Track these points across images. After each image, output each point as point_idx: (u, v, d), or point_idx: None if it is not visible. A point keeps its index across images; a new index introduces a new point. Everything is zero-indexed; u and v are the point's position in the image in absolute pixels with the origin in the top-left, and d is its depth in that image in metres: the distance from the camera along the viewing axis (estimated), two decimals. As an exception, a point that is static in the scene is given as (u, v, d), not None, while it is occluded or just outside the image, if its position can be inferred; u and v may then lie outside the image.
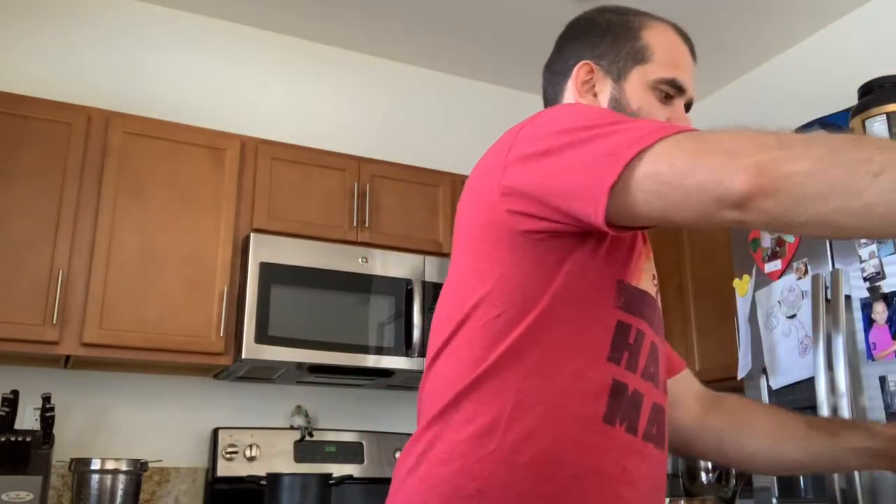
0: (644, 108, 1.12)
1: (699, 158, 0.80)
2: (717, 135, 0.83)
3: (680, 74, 1.15)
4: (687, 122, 1.12)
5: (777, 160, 0.76)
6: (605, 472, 0.92)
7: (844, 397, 2.28)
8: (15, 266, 2.63)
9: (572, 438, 0.92)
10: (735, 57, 3.74)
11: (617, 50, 1.16)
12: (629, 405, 0.96)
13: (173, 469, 3.00)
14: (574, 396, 0.93)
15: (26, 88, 2.89)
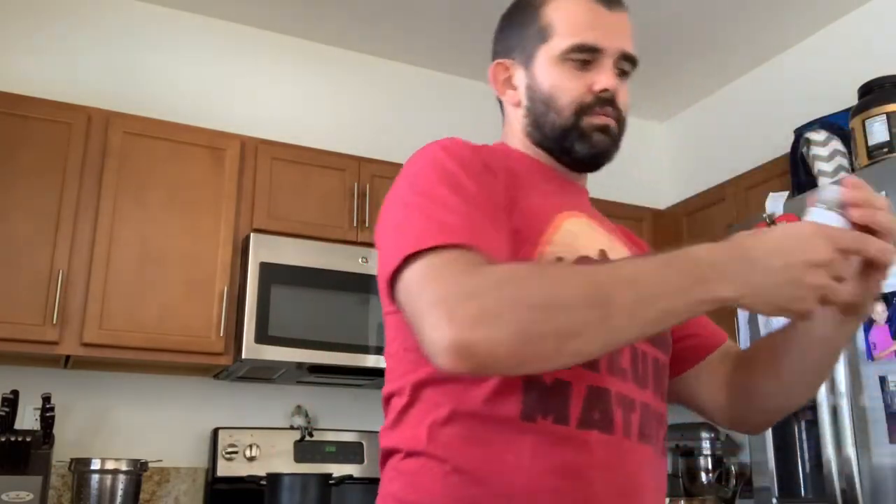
0: (556, 85, 1.08)
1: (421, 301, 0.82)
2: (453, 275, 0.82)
3: (586, 35, 1.08)
4: (610, 79, 1.07)
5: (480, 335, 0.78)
6: (532, 469, 0.90)
7: (844, 397, 2.28)
8: (15, 266, 2.63)
9: (494, 442, 0.91)
10: (735, 57, 3.74)
11: (522, 38, 1.14)
12: (552, 397, 0.92)
13: (173, 469, 3.00)
14: (489, 402, 0.93)
15: (26, 88, 2.89)
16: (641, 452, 0.97)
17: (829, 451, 2.30)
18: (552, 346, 0.79)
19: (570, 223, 1.02)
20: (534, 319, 0.78)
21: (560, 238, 0.99)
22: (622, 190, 3.94)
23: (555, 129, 1.09)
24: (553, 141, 1.11)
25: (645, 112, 4.28)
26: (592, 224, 1.07)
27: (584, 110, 1.07)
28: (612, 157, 1.11)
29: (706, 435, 3.56)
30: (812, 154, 2.86)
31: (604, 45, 1.08)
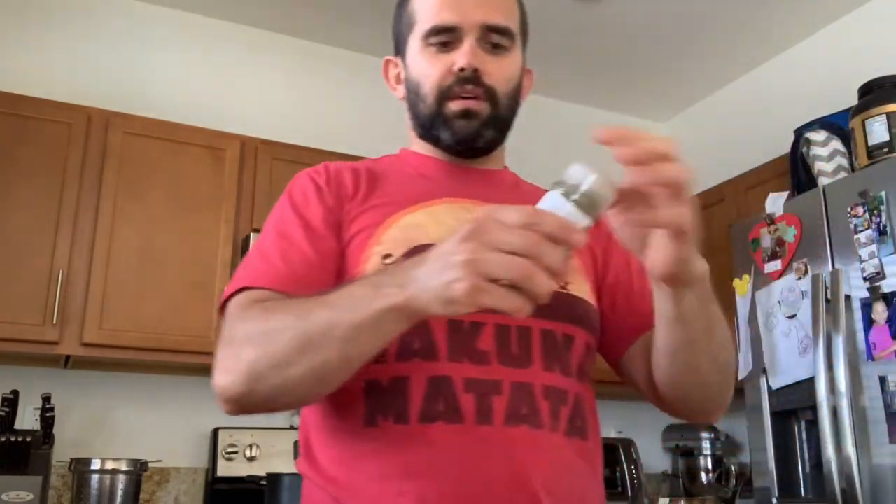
0: (421, 71, 1.06)
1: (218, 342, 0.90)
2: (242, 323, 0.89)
3: (441, 15, 1.04)
4: (467, 56, 1.03)
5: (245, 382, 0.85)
6: (380, 475, 0.90)
7: (844, 397, 2.28)
8: (15, 266, 2.63)
9: (347, 453, 0.93)
10: (735, 57, 3.74)
11: (400, 31, 1.13)
12: (392, 396, 0.91)
13: (173, 469, 3.00)
14: (338, 415, 0.95)
15: (26, 88, 2.89)
16: (513, 436, 0.91)
17: (829, 451, 2.30)
18: (278, 383, 0.83)
19: (414, 216, 1.00)
20: (253, 362, 0.84)
21: (392, 234, 0.98)
22: (622, 190, 3.95)
23: (424, 119, 1.08)
24: (425, 132, 1.09)
25: (645, 112, 4.28)
26: (471, 206, 1.02)
27: (445, 94, 1.04)
28: (488, 138, 1.07)
29: (706, 435, 3.56)
30: (812, 154, 2.86)
31: (459, 21, 1.03)
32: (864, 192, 2.38)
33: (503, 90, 1.07)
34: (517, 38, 1.11)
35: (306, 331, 0.81)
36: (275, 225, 1.02)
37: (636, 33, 3.57)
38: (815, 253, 2.52)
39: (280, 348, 0.82)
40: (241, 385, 0.85)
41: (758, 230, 2.74)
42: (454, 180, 1.09)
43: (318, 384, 0.85)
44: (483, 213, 0.69)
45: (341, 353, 0.81)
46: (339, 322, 0.79)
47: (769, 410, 2.62)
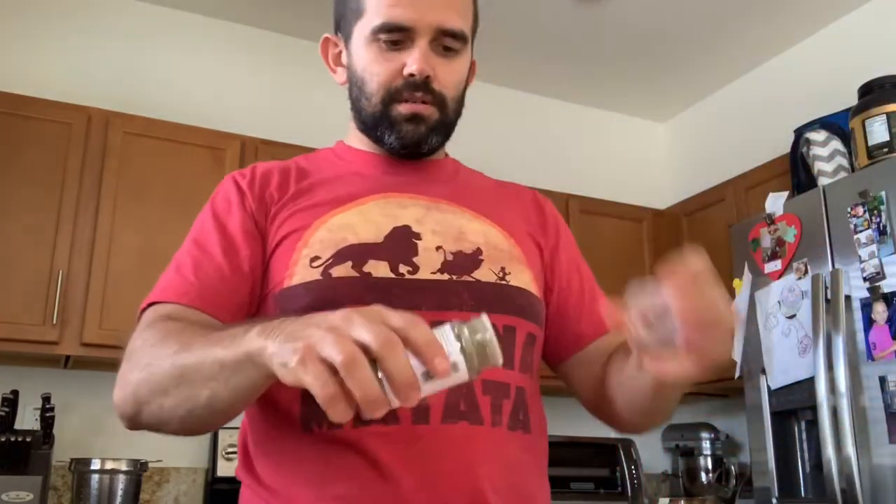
0: (367, 67, 1.02)
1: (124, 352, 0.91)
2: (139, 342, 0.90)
3: (394, 13, 0.98)
4: (419, 62, 0.97)
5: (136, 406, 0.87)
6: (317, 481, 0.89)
7: (844, 397, 2.28)
8: (15, 266, 2.63)
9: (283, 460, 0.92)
10: (735, 57, 3.74)
11: (345, 12, 1.06)
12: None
13: (173, 469, 3.00)
14: (274, 421, 0.94)
15: (26, 88, 2.89)
16: (452, 434, 0.89)
17: (829, 451, 2.30)
18: (155, 411, 0.84)
19: (344, 216, 0.98)
20: (138, 384, 0.85)
21: (320, 236, 0.96)
22: (622, 190, 3.95)
23: (368, 117, 1.04)
24: (366, 128, 1.06)
25: (645, 112, 4.28)
26: (407, 201, 1.02)
27: (392, 97, 1.00)
28: (432, 144, 1.04)
29: (706, 435, 3.56)
30: (812, 154, 2.86)
31: (413, 22, 0.97)
32: (864, 192, 2.38)
33: (452, 95, 1.03)
34: (469, 39, 1.05)
35: (183, 362, 0.79)
36: (194, 234, 1.02)
37: (636, 33, 3.57)
38: (815, 253, 2.52)
39: (158, 378, 0.82)
40: (129, 406, 0.87)
41: (758, 230, 2.74)
42: (391, 176, 1.06)
43: (189, 418, 0.82)
44: (377, 309, 0.64)
45: (208, 390, 0.77)
46: (208, 357, 0.76)
47: (769, 410, 2.62)
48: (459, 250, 0.99)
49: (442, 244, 0.98)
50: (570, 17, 3.44)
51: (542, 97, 4.06)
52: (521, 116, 3.99)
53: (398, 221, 0.99)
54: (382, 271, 0.94)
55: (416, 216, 1.00)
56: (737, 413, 3.43)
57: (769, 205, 2.74)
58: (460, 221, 1.02)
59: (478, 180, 1.15)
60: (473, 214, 1.05)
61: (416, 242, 0.98)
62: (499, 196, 1.13)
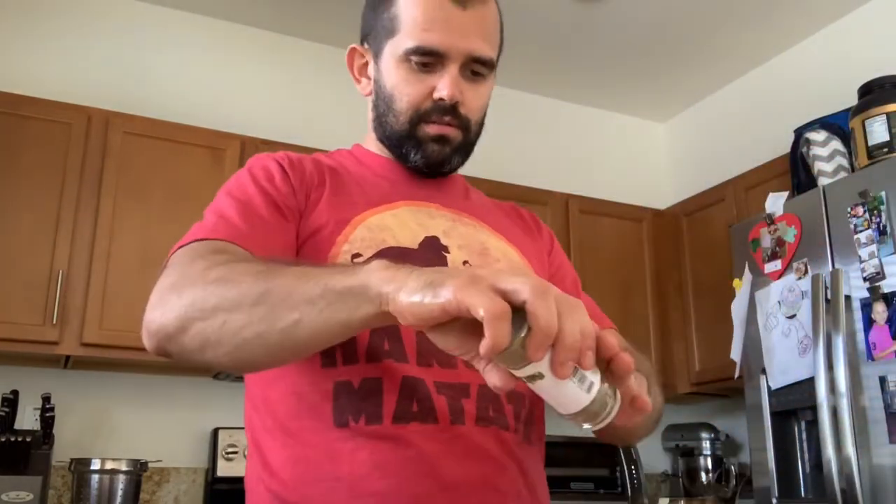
0: (397, 86, 1.03)
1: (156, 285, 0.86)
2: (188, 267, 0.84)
3: (428, 37, 0.99)
4: (450, 87, 1.00)
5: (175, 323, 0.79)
6: (353, 475, 0.88)
7: (844, 397, 2.28)
8: (15, 266, 2.63)
9: (310, 457, 0.91)
10: (735, 57, 3.74)
11: (375, 26, 1.06)
12: (363, 398, 0.90)
13: (173, 469, 3.00)
14: (301, 415, 0.93)
15: (26, 88, 2.89)
16: (482, 436, 0.92)
17: (829, 451, 2.30)
18: (216, 325, 0.77)
19: (381, 217, 1.00)
20: (194, 301, 0.78)
21: (360, 234, 0.97)
22: (622, 190, 3.95)
23: (393, 133, 1.06)
24: (391, 144, 1.08)
25: (645, 112, 4.28)
26: (433, 211, 1.04)
27: (421, 118, 1.02)
28: (454, 165, 1.07)
29: (706, 435, 3.56)
30: (812, 154, 2.86)
31: (447, 48, 0.99)
32: (864, 192, 2.38)
33: (476, 118, 1.06)
34: (496, 65, 1.07)
35: (272, 280, 0.75)
36: (231, 192, 0.98)
37: (636, 33, 3.57)
38: (815, 253, 2.52)
39: (233, 292, 0.76)
40: (174, 321, 0.80)
41: (758, 230, 2.74)
42: (410, 184, 1.08)
43: (249, 345, 0.76)
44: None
45: (297, 314, 0.73)
46: (310, 280, 0.73)
47: (769, 410, 2.62)
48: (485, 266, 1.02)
49: (468, 259, 1.01)
50: (570, 17, 3.44)
51: (542, 97, 4.06)
52: (522, 116, 3.99)
53: (428, 231, 1.01)
54: None
55: (443, 228, 1.03)
56: (737, 413, 3.43)
57: (769, 205, 2.74)
58: (482, 236, 1.05)
59: (483, 198, 1.19)
60: (491, 231, 1.08)
61: (445, 255, 1.00)
62: (504, 215, 1.16)
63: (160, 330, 0.81)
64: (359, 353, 0.91)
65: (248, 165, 1.03)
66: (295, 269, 0.76)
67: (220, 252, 0.86)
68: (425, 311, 0.64)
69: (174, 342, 0.81)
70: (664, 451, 3.78)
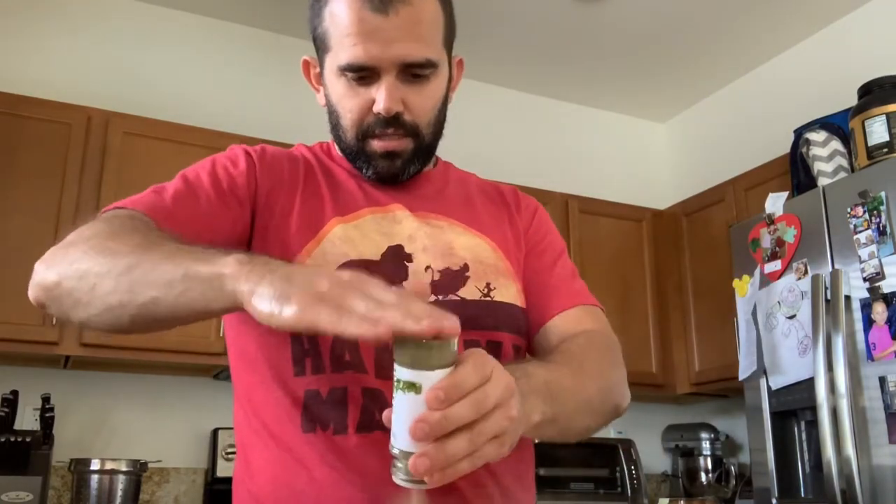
0: (339, 101, 1.02)
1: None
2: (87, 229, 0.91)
3: (354, 54, 0.96)
4: (387, 99, 0.96)
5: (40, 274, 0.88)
6: (320, 483, 0.89)
7: (844, 397, 2.28)
8: (15, 266, 2.62)
9: (288, 456, 0.92)
10: (735, 57, 3.74)
11: (315, 38, 1.04)
12: (330, 408, 0.91)
13: (173, 469, 3.00)
14: (275, 420, 0.95)
15: (26, 88, 2.89)
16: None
17: (829, 452, 2.30)
18: (86, 286, 0.82)
19: (344, 229, 0.99)
20: (68, 274, 0.84)
21: (322, 249, 0.97)
22: (622, 190, 3.95)
23: (346, 148, 1.05)
24: (346, 156, 1.06)
25: (645, 112, 4.28)
26: (399, 216, 1.02)
27: (365, 133, 1.00)
28: (411, 173, 1.04)
29: (706, 435, 3.56)
30: (812, 154, 2.86)
31: (375, 61, 0.96)
32: (864, 192, 2.38)
33: (426, 121, 1.01)
34: (441, 58, 1.02)
35: (140, 255, 0.78)
36: (185, 173, 1.00)
37: (636, 33, 3.57)
38: (815, 253, 2.52)
39: (106, 259, 0.81)
40: (52, 273, 0.86)
41: (758, 230, 2.74)
42: (379, 187, 1.06)
43: (113, 311, 0.80)
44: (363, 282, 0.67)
45: (154, 292, 0.76)
46: (173, 261, 0.76)
47: (769, 411, 2.62)
48: (447, 267, 1.00)
49: (431, 263, 1.00)
50: (570, 17, 3.44)
51: (543, 97, 4.06)
52: (522, 116, 3.99)
53: (392, 240, 1.00)
54: None
55: (409, 232, 1.02)
56: (737, 413, 3.43)
57: (769, 205, 2.74)
58: (450, 236, 1.03)
59: (467, 187, 1.15)
60: (463, 228, 1.05)
61: (408, 265, 0.99)
62: (486, 202, 1.13)
63: (40, 283, 0.87)
64: (324, 363, 0.92)
65: (216, 155, 1.04)
66: (168, 247, 0.78)
67: (128, 221, 0.88)
68: (278, 324, 0.65)
69: (51, 297, 0.86)
70: (664, 451, 3.78)
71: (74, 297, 0.82)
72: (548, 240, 1.14)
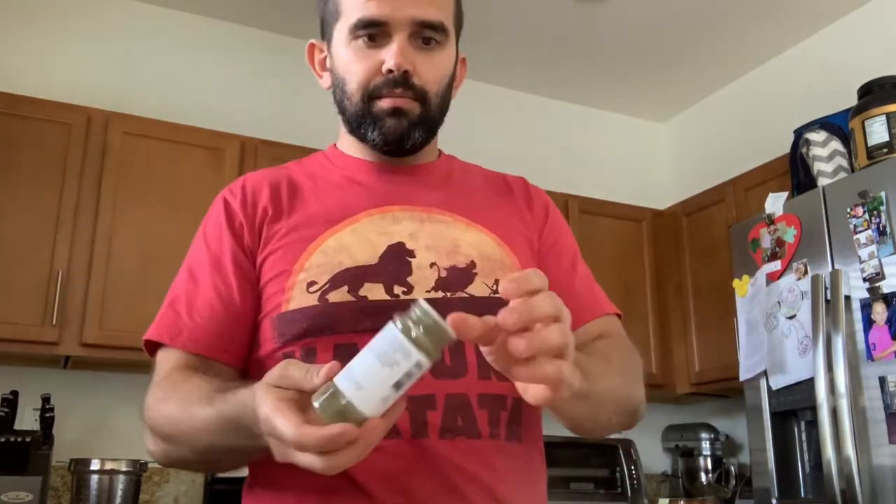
0: (347, 66, 1.01)
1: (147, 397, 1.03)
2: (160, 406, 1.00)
3: (368, 8, 0.97)
4: (397, 56, 0.97)
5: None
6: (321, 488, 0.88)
7: (844, 398, 2.28)
8: (15, 266, 2.63)
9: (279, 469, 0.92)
10: (735, 57, 3.74)
11: (325, 16, 1.06)
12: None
13: (173, 469, 3.00)
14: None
15: (26, 88, 2.89)
16: (447, 448, 0.89)
17: (829, 452, 2.30)
18: (186, 466, 1.02)
19: (339, 237, 0.98)
20: (165, 453, 0.97)
21: (315, 261, 0.96)
22: (622, 190, 3.95)
23: (351, 116, 1.03)
24: (352, 128, 1.04)
25: (645, 112, 4.28)
26: (400, 214, 1.01)
27: (371, 94, 0.99)
28: (416, 139, 1.02)
29: (706, 435, 3.56)
30: (812, 154, 2.86)
31: (388, 17, 0.97)
32: (864, 192, 2.38)
33: (434, 90, 1.01)
34: (451, 32, 1.03)
35: (208, 443, 0.88)
36: (189, 262, 1.09)
37: (636, 33, 3.57)
38: (815, 253, 2.52)
39: (183, 450, 0.93)
40: (161, 459, 0.98)
41: (758, 230, 2.74)
42: (384, 183, 1.05)
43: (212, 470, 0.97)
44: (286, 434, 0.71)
45: (229, 462, 0.95)
46: (231, 445, 0.86)
47: (769, 411, 2.62)
48: (453, 265, 0.98)
49: (436, 260, 0.98)
50: (570, 17, 3.44)
51: (543, 97, 4.06)
52: (522, 116, 3.99)
53: (392, 239, 0.98)
54: (378, 294, 0.94)
55: (410, 230, 1.00)
56: (737, 413, 3.43)
57: (769, 205, 2.74)
58: (454, 233, 1.01)
59: (472, 179, 1.13)
60: (467, 223, 1.03)
61: (410, 261, 0.97)
62: (492, 195, 1.11)
63: (152, 454, 0.99)
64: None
65: (206, 217, 1.11)
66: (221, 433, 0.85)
67: (172, 376, 1.02)
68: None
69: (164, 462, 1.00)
70: (664, 451, 3.78)
71: (180, 465, 1.03)
72: (564, 240, 1.13)
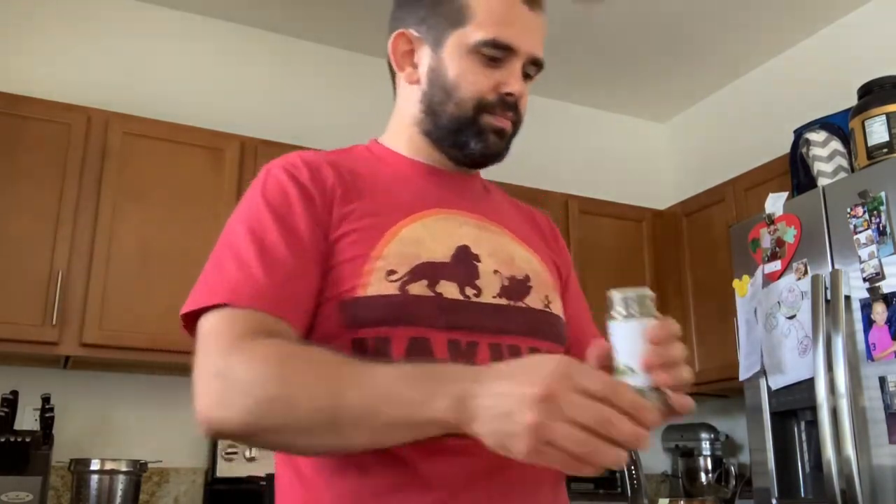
0: (462, 75, 1.02)
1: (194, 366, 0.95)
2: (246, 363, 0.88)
3: (504, 32, 1.01)
4: (518, 84, 1.04)
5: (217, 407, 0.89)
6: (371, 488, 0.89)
7: (844, 398, 2.28)
8: (15, 266, 2.63)
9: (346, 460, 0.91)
10: (735, 57, 3.74)
11: (435, 13, 1.04)
12: None
13: (173, 470, 3.00)
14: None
15: (26, 88, 2.89)
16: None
17: (829, 452, 2.30)
18: (276, 438, 0.85)
19: (412, 229, 0.98)
20: (262, 414, 0.83)
21: (393, 249, 0.95)
22: (622, 190, 3.95)
23: (451, 121, 1.04)
24: (447, 132, 1.05)
25: (645, 112, 4.28)
26: (460, 219, 1.03)
27: (484, 108, 1.03)
28: (501, 159, 1.08)
29: (706, 435, 3.56)
30: (812, 154, 2.86)
31: (518, 45, 1.02)
32: (864, 192, 2.38)
33: (523, 117, 1.10)
34: None
35: (336, 411, 0.79)
36: (248, 226, 0.95)
37: (636, 33, 3.57)
38: (815, 253, 2.52)
39: (303, 417, 0.81)
40: (239, 428, 0.85)
41: (758, 230, 2.74)
42: (435, 186, 1.06)
43: (318, 452, 0.88)
44: (562, 371, 0.69)
45: (365, 440, 0.81)
46: (376, 413, 0.77)
47: (769, 411, 2.62)
48: (513, 275, 1.02)
49: (498, 268, 1.01)
50: (570, 17, 3.44)
51: (543, 97, 4.06)
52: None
53: (459, 240, 1.00)
54: (452, 292, 0.95)
55: (472, 235, 1.02)
56: (737, 413, 3.43)
57: (769, 205, 2.74)
58: (509, 245, 1.06)
59: (503, 198, 1.19)
60: (513, 237, 1.08)
61: (477, 265, 1.00)
62: (523, 219, 1.16)
63: (223, 430, 0.88)
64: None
65: (261, 186, 0.98)
66: (360, 394, 0.79)
67: (254, 335, 0.87)
68: (508, 453, 0.71)
69: (239, 440, 0.88)
70: (664, 451, 3.78)
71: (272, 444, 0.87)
72: (581, 295, 1.21)
